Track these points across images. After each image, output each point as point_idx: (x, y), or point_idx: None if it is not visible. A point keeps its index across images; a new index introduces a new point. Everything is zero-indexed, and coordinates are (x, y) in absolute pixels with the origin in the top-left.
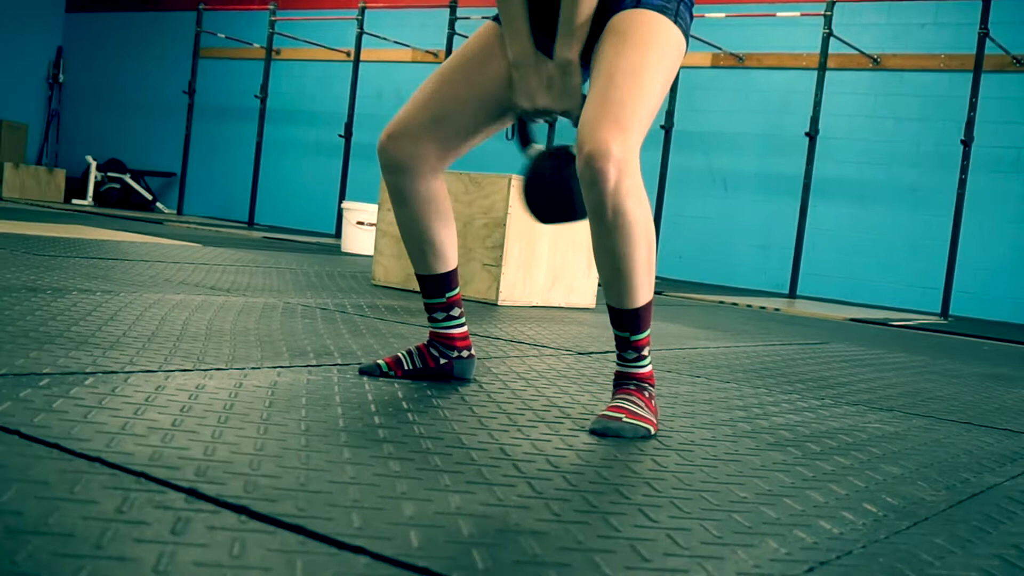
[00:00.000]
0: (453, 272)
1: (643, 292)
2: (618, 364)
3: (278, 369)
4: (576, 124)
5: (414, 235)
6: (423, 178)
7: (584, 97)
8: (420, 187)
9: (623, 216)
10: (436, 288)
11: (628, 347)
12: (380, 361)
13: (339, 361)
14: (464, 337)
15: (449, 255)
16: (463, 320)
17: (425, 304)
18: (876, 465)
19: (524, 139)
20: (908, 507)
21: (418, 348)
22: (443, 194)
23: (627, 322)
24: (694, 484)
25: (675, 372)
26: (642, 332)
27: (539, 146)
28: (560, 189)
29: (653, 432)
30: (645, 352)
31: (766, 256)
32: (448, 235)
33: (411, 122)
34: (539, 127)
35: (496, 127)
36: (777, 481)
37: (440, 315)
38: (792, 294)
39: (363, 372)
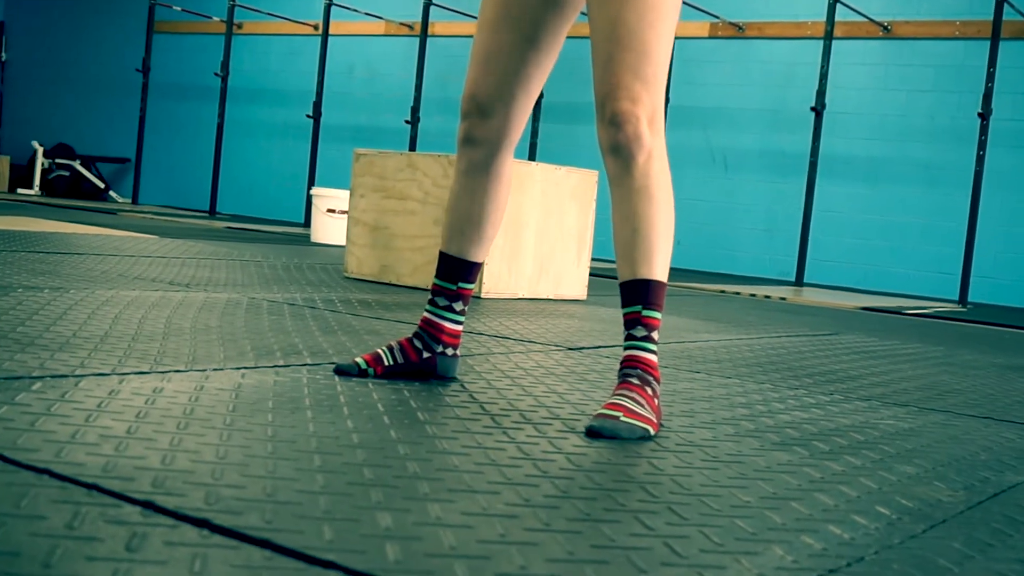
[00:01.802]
0: (478, 266)
1: (659, 263)
2: (625, 346)
3: (242, 370)
4: None
5: (465, 210)
6: (504, 153)
7: None
8: (498, 163)
9: (649, 179)
10: (455, 272)
11: (637, 323)
12: (358, 359)
13: (309, 361)
14: (454, 335)
15: (486, 245)
16: (462, 318)
17: (434, 284)
18: (889, 464)
19: None
20: (924, 509)
21: (400, 343)
22: (510, 175)
23: (640, 293)
24: (693, 488)
25: (673, 368)
26: (654, 308)
27: None
28: None
29: (653, 433)
30: (655, 335)
31: (770, 241)
32: (495, 223)
33: (494, 82)
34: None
35: (555, 52)
36: (783, 483)
37: (442, 301)
38: (798, 282)
39: (339, 371)
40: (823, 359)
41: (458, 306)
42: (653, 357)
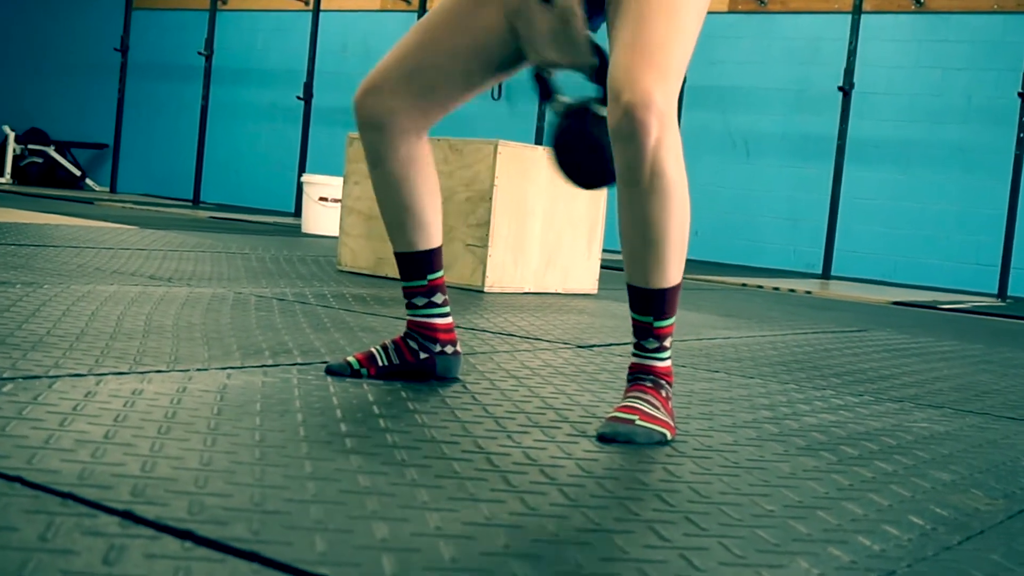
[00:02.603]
0: (436, 251)
1: (673, 270)
2: (634, 355)
3: (228, 370)
4: (592, 78)
5: (392, 203)
6: (404, 136)
7: (593, 47)
8: (400, 147)
9: (661, 177)
10: (416, 268)
11: (649, 335)
12: (350, 358)
13: (299, 360)
14: (448, 329)
15: (432, 229)
16: (447, 309)
17: (404, 288)
18: (923, 471)
19: (545, 92)
20: (960, 519)
21: (394, 342)
22: (427, 157)
23: (651, 304)
24: (712, 496)
25: (690, 367)
26: (667, 318)
27: (565, 98)
28: (599, 144)
29: (669, 437)
30: (667, 343)
31: (795, 231)
32: (432, 205)
33: (392, 73)
34: (563, 76)
35: (488, 83)
36: (808, 491)
37: (420, 300)
38: (825, 274)
39: (330, 372)
40: (852, 357)
41: (438, 298)
42: (666, 364)
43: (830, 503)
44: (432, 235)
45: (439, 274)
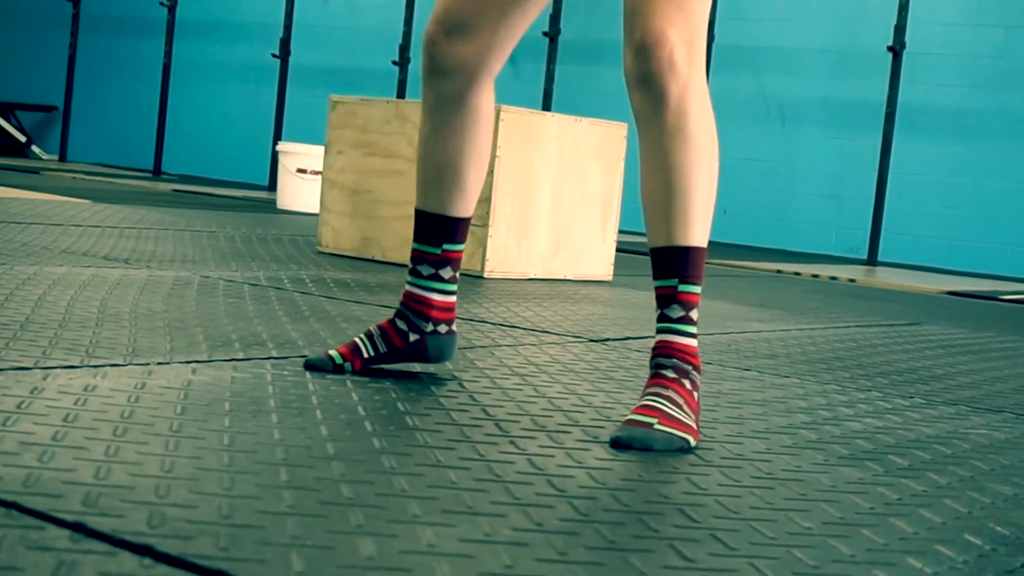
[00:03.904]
0: (464, 222)
1: (698, 226)
2: (658, 331)
3: (193, 364)
4: None
5: (437, 158)
6: (479, 83)
7: None
8: (474, 97)
9: (686, 118)
10: (435, 233)
11: (672, 300)
12: (332, 351)
13: (274, 354)
14: (446, 308)
15: (469, 197)
16: (452, 287)
17: (413, 251)
18: (982, 484)
19: None
20: (1023, 538)
21: (380, 327)
22: (492, 113)
23: (674, 264)
24: (742, 511)
25: (718, 364)
26: (692, 282)
27: None
28: None
29: (692, 444)
30: (693, 315)
31: (837, 210)
32: (477, 169)
33: (468, 6)
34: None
35: (540, 7)
36: (852, 506)
37: (426, 270)
38: (871, 260)
39: (310, 366)
40: (901, 355)
41: (446, 273)
42: (692, 342)
43: (876, 520)
44: (467, 203)
45: (458, 247)
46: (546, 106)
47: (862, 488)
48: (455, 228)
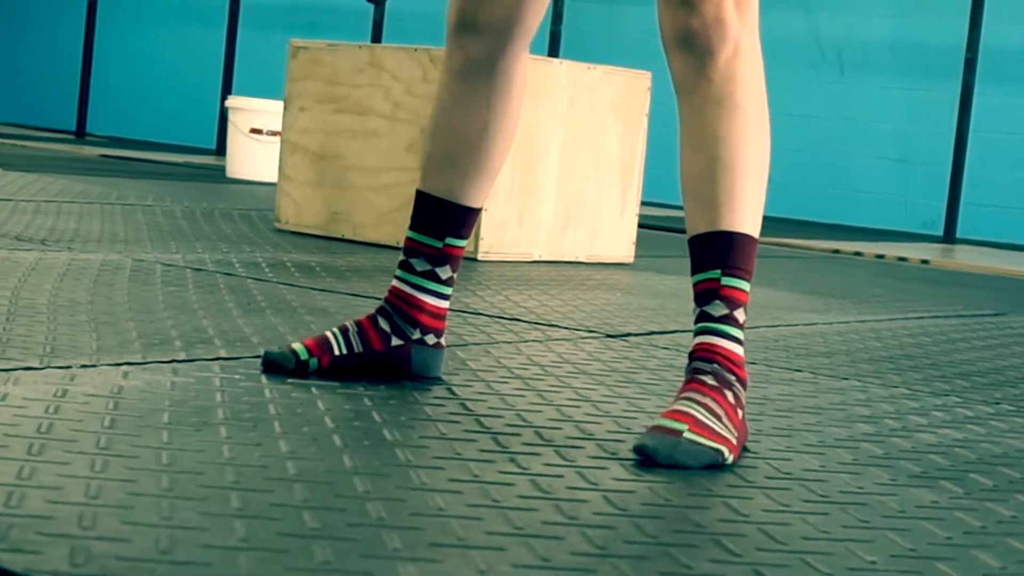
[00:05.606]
0: (473, 214)
1: (748, 209)
2: (696, 332)
3: (124, 367)
4: None
5: (458, 130)
6: (515, 45)
7: None
8: (507, 61)
9: (735, 83)
10: (437, 223)
11: (715, 296)
12: (296, 344)
13: (223, 353)
14: (438, 315)
15: (486, 184)
16: (447, 291)
17: (407, 240)
18: None
19: None
20: None
21: (358, 323)
22: (524, 85)
23: (719, 252)
24: (791, 541)
25: (764, 363)
26: (738, 276)
27: None
28: None
29: (727, 458)
30: (739, 316)
31: (907, 176)
32: (500, 154)
33: None
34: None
35: None
36: (925, 535)
37: (421, 265)
38: (948, 237)
39: (268, 363)
40: (985, 352)
41: (443, 272)
42: (737, 349)
43: (954, 552)
44: (482, 191)
45: (462, 243)
46: (553, 51)
47: (938, 514)
48: (463, 219)
